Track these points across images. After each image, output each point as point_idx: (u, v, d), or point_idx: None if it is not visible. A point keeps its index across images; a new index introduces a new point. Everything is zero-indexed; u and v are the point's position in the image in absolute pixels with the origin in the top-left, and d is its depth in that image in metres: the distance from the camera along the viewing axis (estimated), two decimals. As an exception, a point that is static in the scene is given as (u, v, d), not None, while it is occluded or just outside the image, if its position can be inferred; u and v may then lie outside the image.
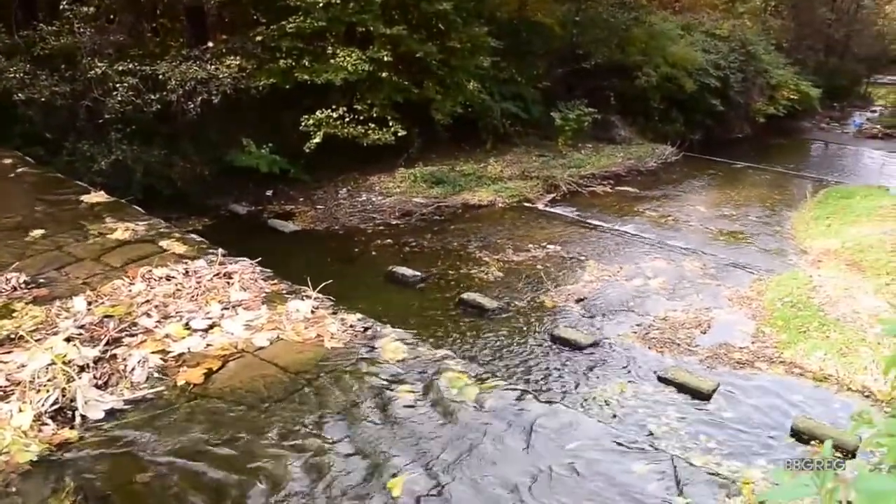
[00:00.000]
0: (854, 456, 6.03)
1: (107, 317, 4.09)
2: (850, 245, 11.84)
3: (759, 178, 19.21)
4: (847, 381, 8.16)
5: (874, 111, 31.92)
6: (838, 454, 5.97)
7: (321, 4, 13.28)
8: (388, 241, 12.23)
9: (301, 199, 14.06)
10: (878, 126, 27.58)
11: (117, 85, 11.17)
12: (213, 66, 12.18)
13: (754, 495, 2.63)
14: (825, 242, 12.49)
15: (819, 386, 8.17)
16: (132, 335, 3.95)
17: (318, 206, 13.78)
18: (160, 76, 11.71)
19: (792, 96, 25.18)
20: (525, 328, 9.21)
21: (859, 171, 22.22)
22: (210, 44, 13.16)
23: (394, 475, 2.86)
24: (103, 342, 3.80)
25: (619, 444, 3.06)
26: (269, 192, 14.11)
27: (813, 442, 6.78)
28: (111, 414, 3.27)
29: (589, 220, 14.01)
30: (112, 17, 12.42)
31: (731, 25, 25.16)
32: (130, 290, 4.44)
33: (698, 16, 26.78)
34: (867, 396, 7.87)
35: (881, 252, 11.28)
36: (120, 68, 11.32)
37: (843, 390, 8.06)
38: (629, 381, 8.00)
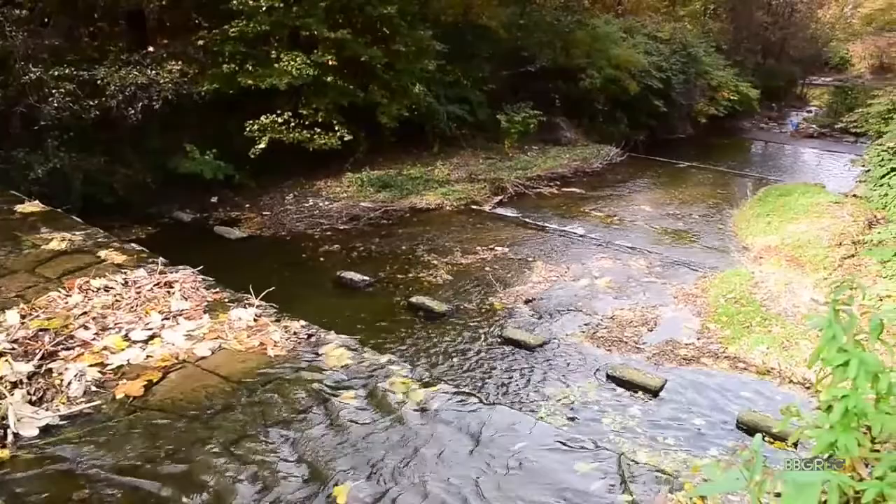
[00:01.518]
0: (796, 446, 6.18)
1: (42, 330, 3.97)
2: (789, 241, 12.16)
3: (701, 177, 19.61)
4: (789, 373, 8.38)
5: (810, 111, 32.87)
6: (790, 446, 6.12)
7: (264, 8, 13.16)
8: (336, 246, 12.15)
9: (247, 206, 13.89)
10: (814, 126, 28.44)
11: (53, 91, 10.86)
12: (153, 72, 11.94)
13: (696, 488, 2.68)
14: (766, 239, 12.80)
15: (762, 379, 8.37)
16: (69, 348, 3.83)
17: (265, 212, 13.63)
18: (98, 81, 11.44)
19: (732, 97, 25.80)
20: (475, 330, 9.23)
21: (797, 169, 22.87)
22: (150, 48, 12.91)
23: (339, 483, 2.83)
24: (38, 356, 3.69)
25: (564, 443, 3.08)
26: (214, 199, 13.90)
27: (769, 438, 6.90)
28: (46, 430, 3.16)
29: (536, 222, 14.12)
30: (47, 20, 12.06)
31: (672, 28, 25.65)
32: (67, 302, 4.32)
33: (640, 19, 27.25)
34: (808, 388, 8.08)
35: (818, 248, 11.61)
36: (56, 73, 11.01)
37: (786, 383, 8.27)
38: (578, 380, 8.08)
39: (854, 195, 14.93)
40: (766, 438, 6.39)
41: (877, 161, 13.67)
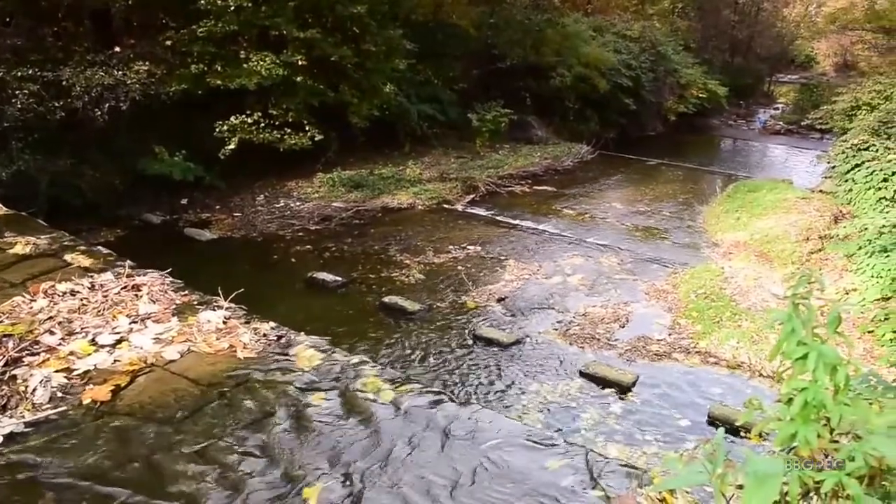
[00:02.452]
0: (760, 438, 6.25)
1: (5, 336, 3.89)
2: (758, 237, 12.32)
3: (671, 174, 19.80)
4: (758, 367, 8.49)
5: (777, 108, 33.34)
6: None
7: (232, 8, 13.05)
8: (308, 246, 12.10)
9: (217, 207, 13.78)
10: (781, 122, 28.85)
11: (17, 92, 10.70)
12: (120, 72, 11.81)
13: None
14: (735, 235, 12.96)
15: (733, 373, 8.47)
16: (34, 354, 3.77)
17: (236, 214, 13.53)
18: (64, 82, 11.28)
19: (701, 94, 26.10)
20: (448, 329, 9.24)
21: (765, 165, 23.17)
22: (117, 48, 12.74)
23: (309, 484, 2.82)
24: (1, 363, 3.62)
25: (534, 440, 3.09)
26: (183, 201, 13.77)
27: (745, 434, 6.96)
28: (10, 438, 3.11)
29: (508, 220, 14.17)
30: (8, 19, 11.86)
31: (641, 27, 25.87)
32: (31, 307, 4.24)
33: (609, 17, 27.47)
34: (778, 381, 8.18)
35: (786, 242, 11.78)
36: (19, 74, 10.85)
37: (756, 376, 8.38)
38: (550, 378, 8.12)
39: (820, 190, 15.18)
40: (743, 434, 6.49)
41: (842, 157, 13.91)
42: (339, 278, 10.51)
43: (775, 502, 1.29)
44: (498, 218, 14.34)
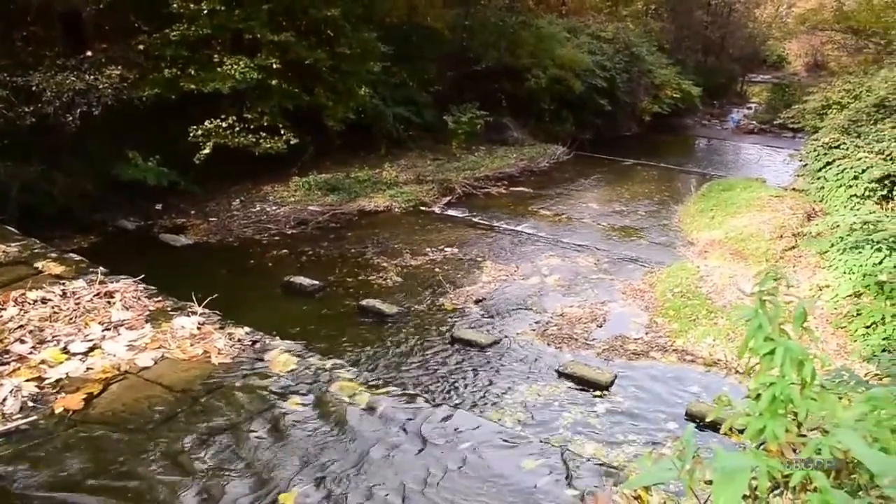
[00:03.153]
0: (742, 433, 6.31)
1: (-25, 345, 3.85)
2: (732, 235, 12.44)
3: (647, 174, 19.93)
4: (734, 364, 8.56)
5: (750, 108, 33.67)
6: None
7: (205, 11, 12.95)
8: (285, 250, 12.03)
9: (193, 212, 13.65)
10: (754, 122, 29.16)
11: (-15, 98, 10.57)
12: (92, 77, 11.67)
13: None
14: (710, 234, 13.07)
15: (709, 370, 8.53)
16: (4, 363, 3.72)
17: (211, 219, 13.41)
18: (34, 87, 11.14)
19: (675, 95, 26.32)
20: (426, 332, 9.23)
21: (738, 164, 23.39)
22: (88, 53, 12.59)
23: (285, 490, 2.80)
24: (-29, 373, 3.57)
25: (511, 440, 3.10)
26: (158, 206, 13.63)
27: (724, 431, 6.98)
28: (-20, 449, 3.07)
29: (485, 222, 14.18)
30: (-25, 25, 11.71)
31: (615, 28, 26.03)
32: (1, 316, 4.19)
33: (584, 19, 27.60)
34: (749, 377, 8.25)
35: (760, 240, 11.90)
36: (-13, 79, 10.71)
37: (732, 373, 8.45)
38: (528, 378, 8.13)
39: (793, 189, 15.34)
40: (723, 431, 6.52)
41: (813, 155, 14.04)
42: (317, 282, 10.46)
43: (744, 497, 1.31)
44: (475, 220, 14.35)
